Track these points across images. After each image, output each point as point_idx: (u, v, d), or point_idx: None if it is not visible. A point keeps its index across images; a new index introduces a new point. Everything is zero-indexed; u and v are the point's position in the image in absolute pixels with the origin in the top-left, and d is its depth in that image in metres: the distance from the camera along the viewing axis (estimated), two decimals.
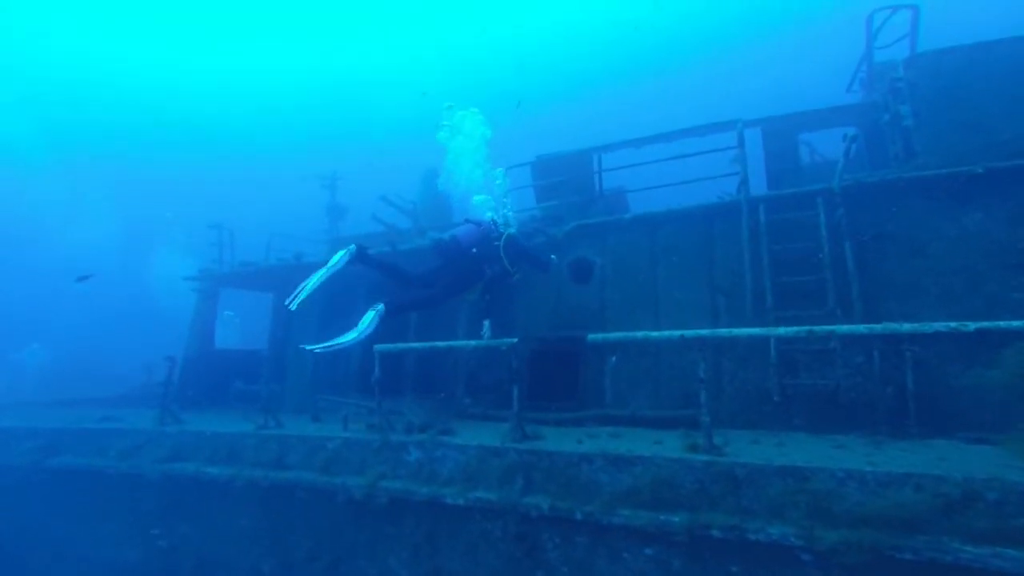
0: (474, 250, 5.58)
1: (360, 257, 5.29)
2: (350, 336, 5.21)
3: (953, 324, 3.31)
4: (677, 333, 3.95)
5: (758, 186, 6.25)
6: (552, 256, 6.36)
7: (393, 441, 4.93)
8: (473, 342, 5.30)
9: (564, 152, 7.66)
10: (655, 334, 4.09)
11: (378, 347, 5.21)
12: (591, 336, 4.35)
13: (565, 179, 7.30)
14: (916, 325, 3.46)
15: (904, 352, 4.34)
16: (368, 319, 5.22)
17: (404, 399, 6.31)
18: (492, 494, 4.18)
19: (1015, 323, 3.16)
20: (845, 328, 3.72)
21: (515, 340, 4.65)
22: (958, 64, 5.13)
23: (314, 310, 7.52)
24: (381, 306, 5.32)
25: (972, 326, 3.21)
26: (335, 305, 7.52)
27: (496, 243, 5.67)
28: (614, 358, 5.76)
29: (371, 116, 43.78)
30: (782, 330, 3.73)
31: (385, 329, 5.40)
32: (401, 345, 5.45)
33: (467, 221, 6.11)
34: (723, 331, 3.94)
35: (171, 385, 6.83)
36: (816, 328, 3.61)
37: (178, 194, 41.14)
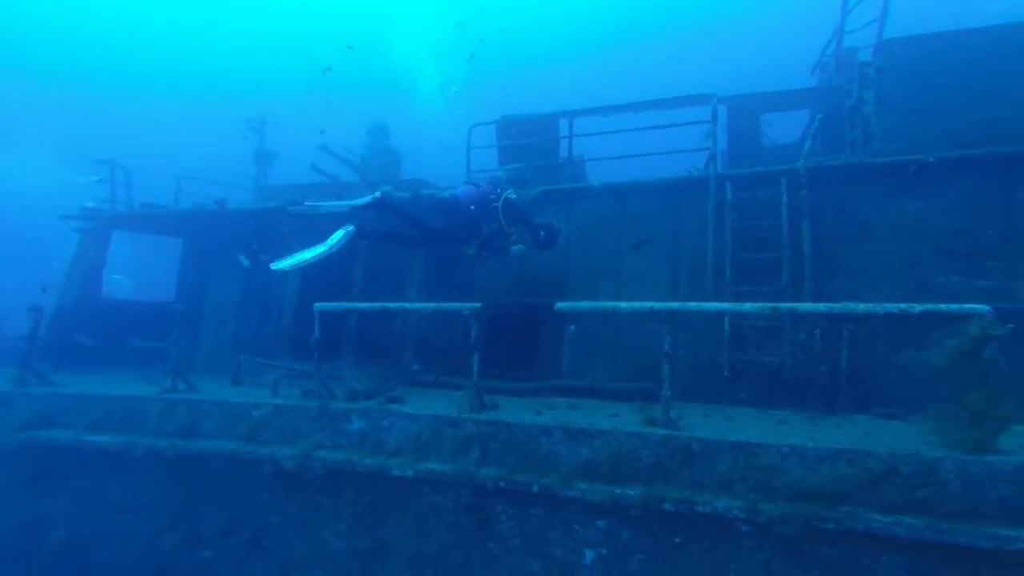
0: (472, 207, 5.59)
1: (382, 204, 5.35)
2: (318, 250, 5.05)
3: (903, 306, 3.46)
4: (647, 305, 3.98)
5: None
6: (561, 227, 6.19)
7: (333, 409, 4.70)
8: (432, 304, 5.01)
9: (531, 114, 7.47)
10: (624, 305, 4.10)
11: (319, 305, 4.79)
12: (558, 304, 4.29)
13: (531, 142, 7.13)
14: (868, 306, 3.59)
15: (842, 331, 4.67)
16: (337, 237, 5.07)
17: (344, 363, 5.93)
18: (445, 465, 4.13)
19: (952, 306, 3.38)
20: (807, 306, 3.89)
21: (477, 305, 4.44)
22: (923, 52, 5.30)
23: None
24: (352, 227, 5.17)
25: (918, 308, 3.40)
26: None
27: (495, 204, 5.69)
28: (573, 327, 5.77)
29: (302, 62, 39.80)
30: (747, 306, 3.84)
31: (326, 287, 4.98)
32: (347, 304, 5.09)
33: (467, 183, 6.15)
34: (691, 304, 4.01)
35: (36, 340, 6.07)
36: (780, 305, 3.74)
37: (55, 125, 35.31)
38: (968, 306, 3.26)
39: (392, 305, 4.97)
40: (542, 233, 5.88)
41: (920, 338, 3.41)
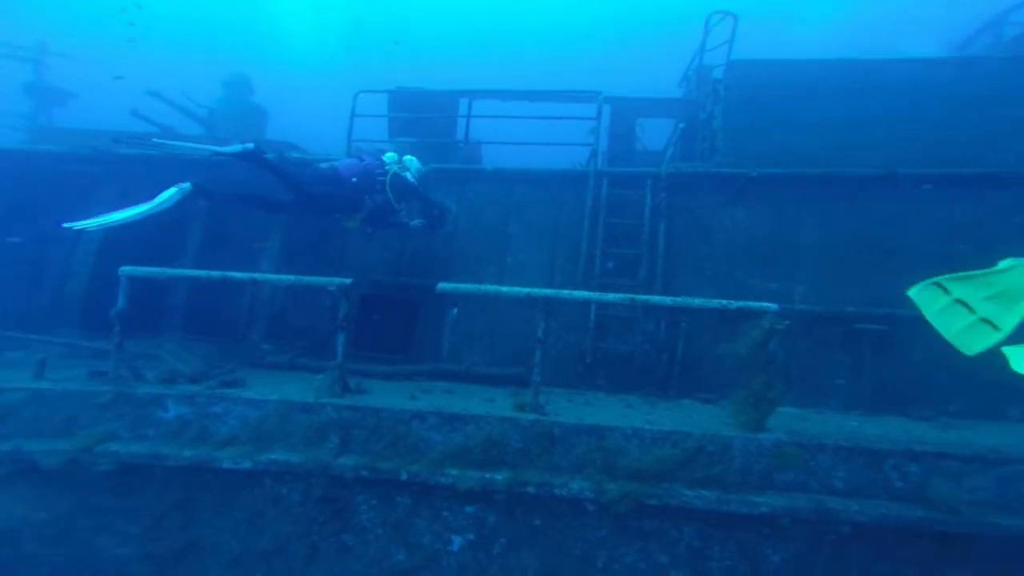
0: (354, 179, 5.18)
1: (253, 156, 4.72)
2: (140, 209, 4.23)
3: (724, 302, 3.95)
4: (525, 290, 4.04)
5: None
6: (450, 207, 5.94)
7: (139, 395, 3.96)
8: (290, 277, 4.39)
9: (429, 90, 7.16)
10: (505, 289, 4.14)
11: (127, 269, 3.88)
12: (441, 285, 4.12)
13: (427, 117, 6.84)
14: (700, 301, 4.09)
15: (680, 324, 5.36)
16: (167, 195, 4.38)
17: (166, 341, 4.95)
18: (295, 455, 3.79)
19: (752, 304, 3.92)
20: (654, 298, 4.33)
21: (346, 281, 4.03)
22: (758, 76, 6.06)
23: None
24: (188, 184, 4.40)
25: (734, 305, 3.91)
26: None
27: (381, 178, 5.32)
28: (456, 310, 5.70)
29: None
30: (610, 296, 4.14)
31: (143, 250, 4.04)
32: (170, 271, 4.20)
33: (351, 155, 5.79)
34: (564, 292, 4.17)
35: None
36: (636, 297, 4.10)
37: None
38: (763, 304, 3.79)
39: (237, 275, 4.24)
40: (436, 211, 5.68)
41: (734, 332, 3.96)
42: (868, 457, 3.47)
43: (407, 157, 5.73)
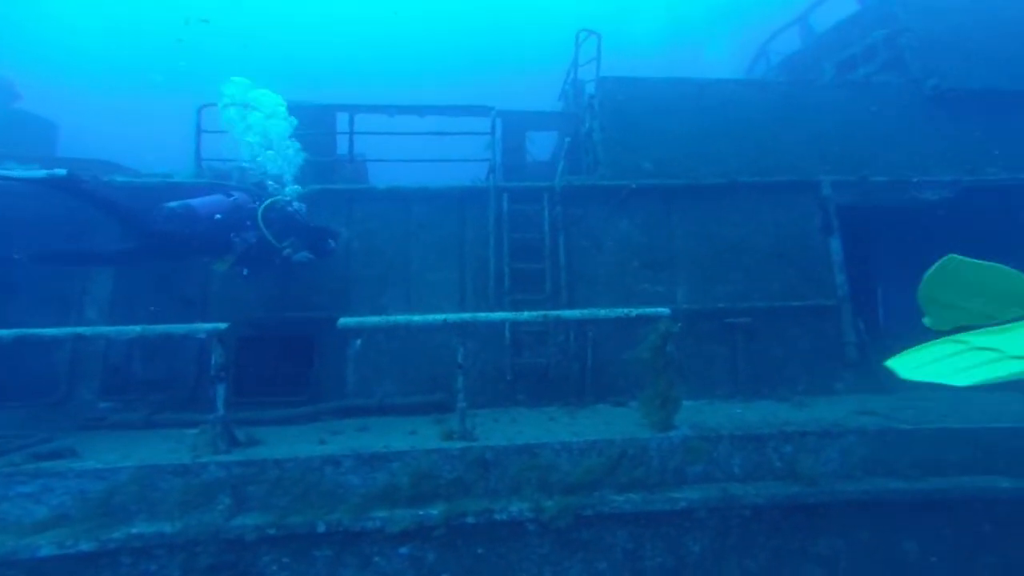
0: (218, 216, 4.53)
1: (66, 184, 3.89)
2: None
3: (626, 311, 4.23)
4: (440, 317, 3.95)
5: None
6: (340, 232, 5.50)
7: None
8: (137, 328, 3.69)
9: (302, 102, 6.48)
10: (417, 318, 3.96)
11: None
12: (342, 320, 3.79)
13: (302, 133, 6.19)
14: (605, 311, 4.33)
15: (587, 334, 5.72)
16: None
17: None
18: (168, 525, 3.28)
19: (648, 310, 4.26)
20: (567, 313, 4.54)
21: (222, 326, 3.56)
22: (628, 91, 6.65)
23: None
24: None
25: (635, 312, 4.22)
26: None
27: (252, 206, 4.76)
28: (359, 342, 5.34)
29: None
30: (525, 315, 4.20)
31: None
32: None
33: (213, 184, 5.10)
34: (481, 315, 4.18)
35: None
36: (548, 313, 4.24)
37: None
38: (657, 309, 4.13)
39: (55, 332, 3.52)
40: (331, 243, 5.29)
41: (634, 336, 4.26)
42: (755, 443, 3.92)
43: (281, 197, 5.19)
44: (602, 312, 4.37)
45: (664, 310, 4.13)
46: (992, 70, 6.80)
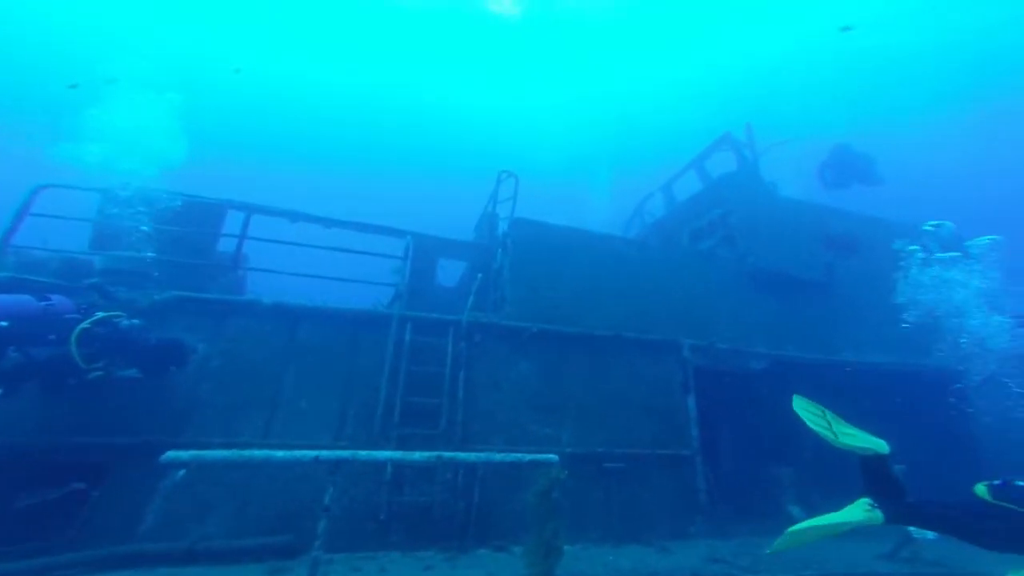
0: (4, 323, 4.04)
1: None
2: None
3: (518, 455, 4.37)
4: (312, 454, 3.60)
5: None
6: (195, 348, 5.15)
7: None
8: None
9: (180, 193, 6.31)
10: (280, 454, 3.56)
11: None
12: (169, 454, 3.31)
13: (174, 229, 5.99)
14: (501, 456, 4.36)
15: (477, 472, 5.80)
16: None
17: None
18: None
19: (538, 456, 4.47)
20: (464, 455, 4.55)
21: None
22: (539, 234, 7.34)
23: None
24: None
25: (527, 458, 4.41)
26: None
27: (73, 317, 4.29)
28: (183, 472, 4.81)
29: None
30: (417, 455, 4.12)
31: None
32: None
33: (23, 281, 4.53)
34: (362, 453, 3.94)
35: None
36: (443, 454, 4.27)
37: None
38: (547, 456, 4.26)
39: None
40: (176, 361, 4.94)
41: (521, 477, 4.48)
42: None
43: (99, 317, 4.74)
44: (496, 457, 4.46)
45: (553, 457, 4.34)
46: (783, 257, 8.59)
